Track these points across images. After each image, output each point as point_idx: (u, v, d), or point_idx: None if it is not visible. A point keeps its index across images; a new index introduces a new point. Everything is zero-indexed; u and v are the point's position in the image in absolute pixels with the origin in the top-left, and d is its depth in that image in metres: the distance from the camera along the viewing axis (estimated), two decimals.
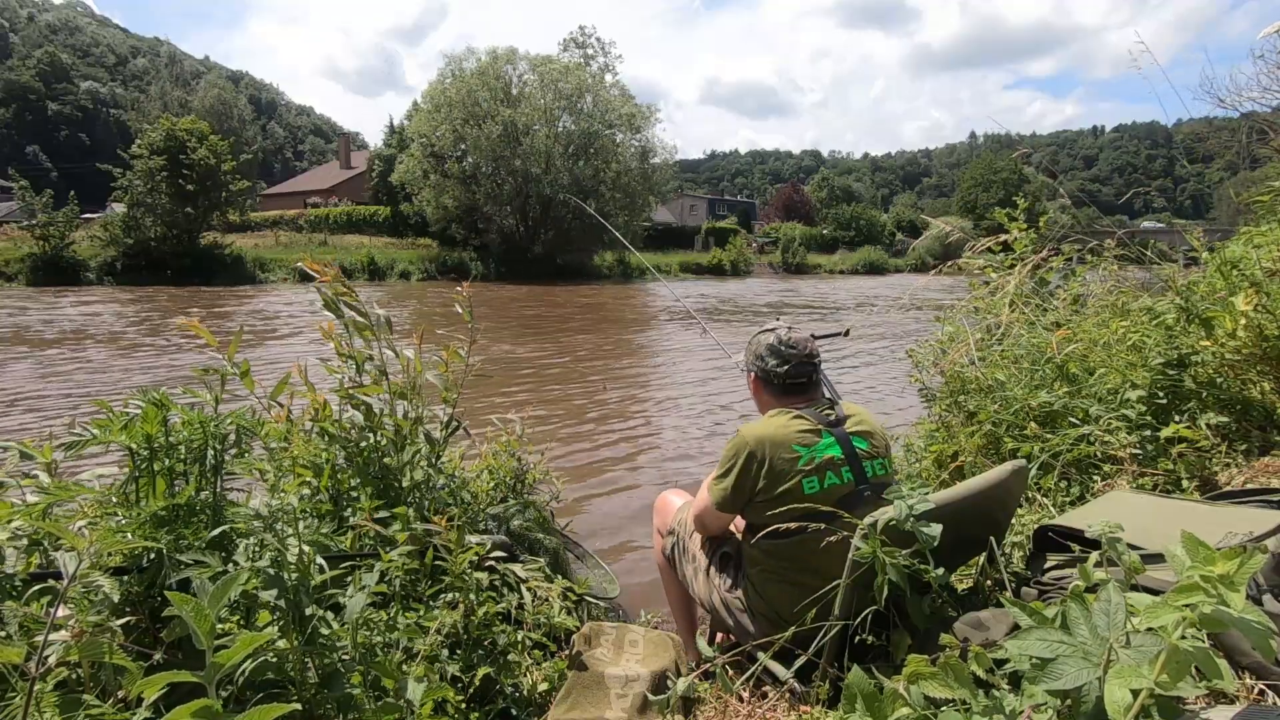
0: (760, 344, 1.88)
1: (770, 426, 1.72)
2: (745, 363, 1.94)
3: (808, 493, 1.63)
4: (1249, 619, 0.81)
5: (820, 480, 1.65)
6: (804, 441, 1.68)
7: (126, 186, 23.15)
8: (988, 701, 0.97)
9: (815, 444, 1.68)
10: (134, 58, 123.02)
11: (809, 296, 25.18)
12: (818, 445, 1.68)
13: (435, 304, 17.71)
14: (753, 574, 1.78)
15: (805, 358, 1.83)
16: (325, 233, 33.51)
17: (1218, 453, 2.36)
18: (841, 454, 1.68)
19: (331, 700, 1.27)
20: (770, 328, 1.92)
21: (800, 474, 1.64)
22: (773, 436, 1.69)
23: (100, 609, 1.18)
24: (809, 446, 1.67)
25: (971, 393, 2.94)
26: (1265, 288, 2.70)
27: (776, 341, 1.85)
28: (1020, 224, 3.58)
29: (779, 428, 1.71)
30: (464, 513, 2.08)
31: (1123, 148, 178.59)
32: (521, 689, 1.68)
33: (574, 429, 6.59)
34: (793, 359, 1.82)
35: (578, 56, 33.77)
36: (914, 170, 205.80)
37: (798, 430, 1.70)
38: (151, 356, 10.30)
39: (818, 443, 1.68)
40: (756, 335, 1.92)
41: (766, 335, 1.89)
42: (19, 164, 30.62)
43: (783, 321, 1.93)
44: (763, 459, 1.67)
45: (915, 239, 50.87)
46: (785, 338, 1.85)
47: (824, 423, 1.73)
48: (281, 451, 1.82)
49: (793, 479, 1.64)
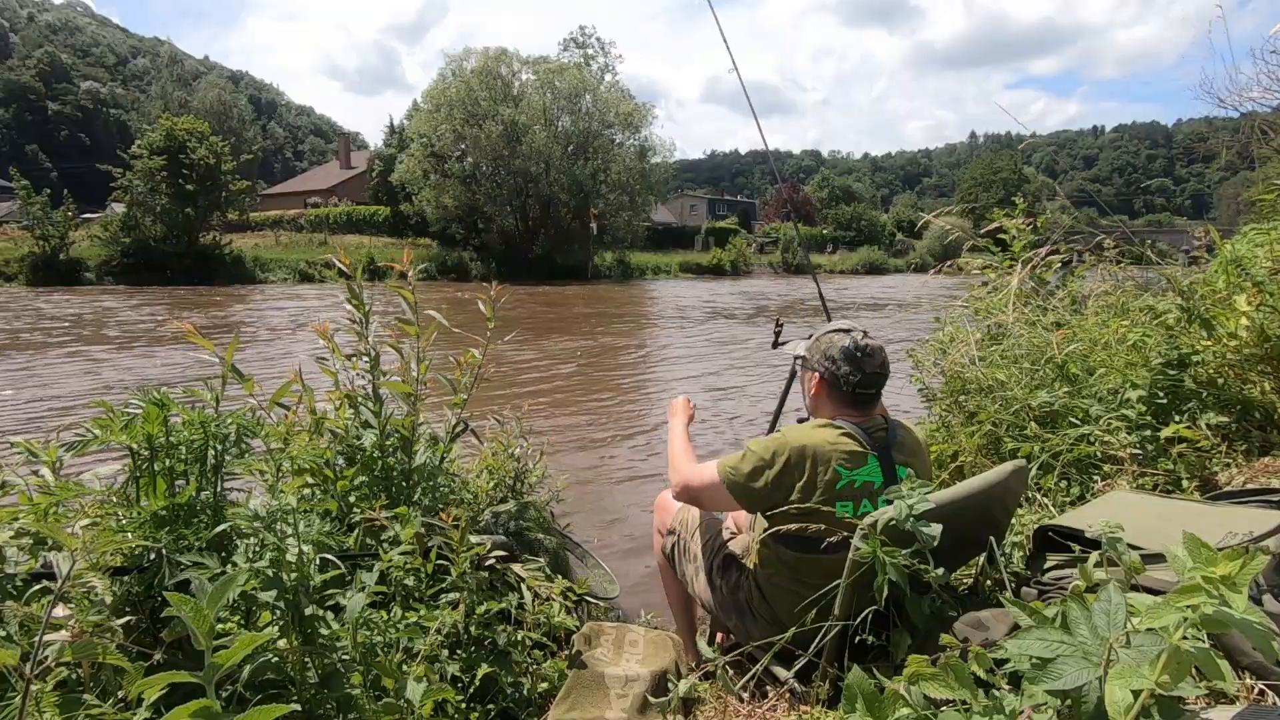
0: (834, 345, 1.71)
1: (817, 438, 1.62)
2: (809, 361, 1.77)
3: (839, 515, 1.57)
4: (1251, 620, 0.81)
5: (855, 506, 1.58)
6: (848, 464, 1.59)
7: (126, 186, 23.16)
8: (988, 701, 0.97)
9: (858, 469, 1.60)
10: (134, 58, 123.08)
11: (817, 296, 25.14)
12: (860, 471, 1.60)
13: (435, 304, 17.68)
14: (761, 576, 1.75)
15: (879, 368, 1.69)
16: (325, 233, 33.56)
17: (1218, 453, 2.36)
18: (881, 482, 1.61)
19: (331, 700, 1.27)
20: (844, 328, 1.76)
21: (836, 497, 1.58)
22: (818, 450, 1.60)
23: (100, 609, 1.18)
24: (851, 470, 1.59)
25: (972, 393, 2.94)
26: (1267, 287, 2.70)
27: (853, 346, 1.68)
28: (1018, 223, 3.58)
29: (826, 443, 1.61)
30: (465, 512, 2.08)
31: (1123, 148, 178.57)
32: (521, 689, 1.68)
33: (574, 429, 6.59)
34: (868, 368, 1.67)
35: (578, 56, 33.82)
36: (914, 170, 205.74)
37: (845, 450, 1.61)
38: (152, 356, 10.30)
39: (861, 468, 1.60)
40: (828, 334, 1.77)
41: (841, 337, 1.72)
42: (19, 164, 30.57)
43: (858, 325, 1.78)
44: (801, 471, 1.59)
45: (915, 239, 50.96)
46: (862, 343, 1.68)
47: (873, 445, 1.63)
48: (281, 451, 1.82)
49: (826, 499, 1.58)
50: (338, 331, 2.03)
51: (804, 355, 1.80)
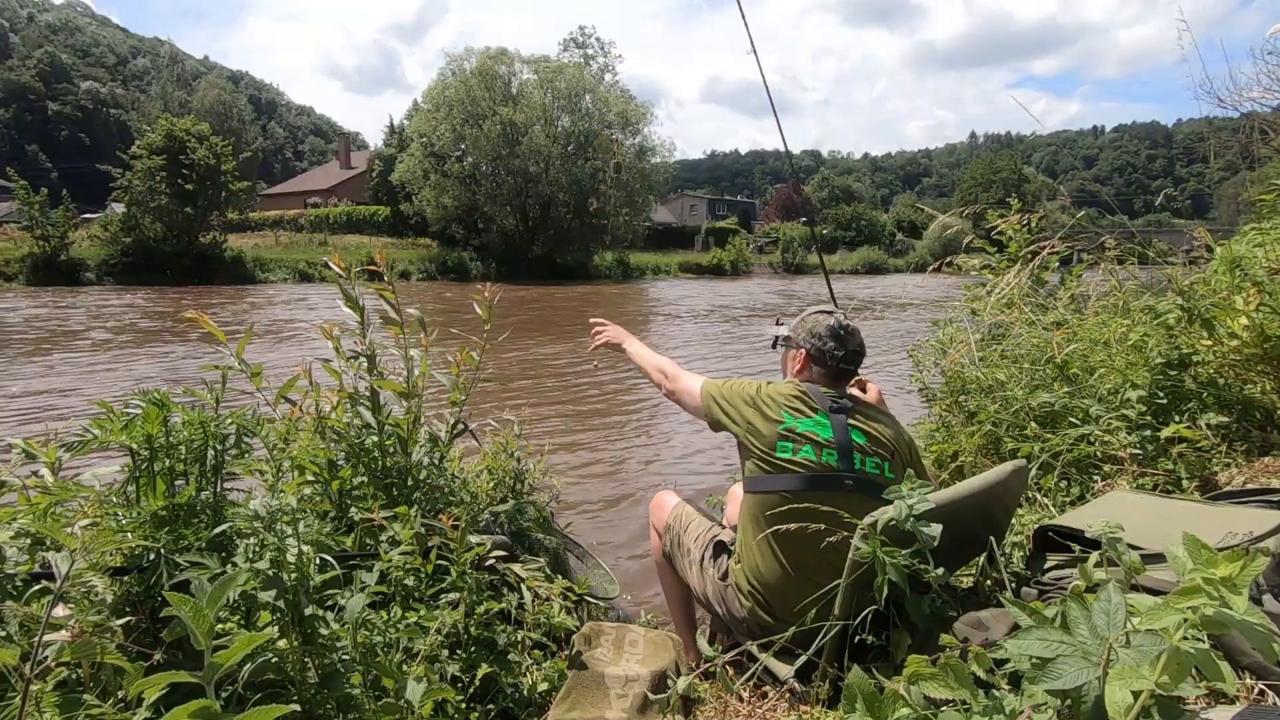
0: (820, 324, 1.89)
1: (775, 388, 1.84)
2: (795, 339, 1.94)
3: (779, 455, 1.73)
4: (1252, 622, 0.81)
5: (794, 449, 1.72)
6: (794, 411, 1.77)
7: (126, 186, 23.16)
8: (988, 701, 0.97)
9: (801, 418, 1.76)
10: (134, 58, 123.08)
11: (824, 297, 25.13)
12: (803, 420, 1.76)
13: (436, 304, 17.72)
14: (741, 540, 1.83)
15: (858, 347, 1.88)
16: (325, 233, 33.56)
17: (1218, 453, 2.36)
18: (831, 437, 1.73)
19: (331, 700, 1.27)
20: (828, 310, 1.94)
21: (777, 437, 1.74)
22: (772, 394, 1.81)
23: (100, 609, 1.18)
24: (794, 416, 1.76)
25: (972, 393, 2.94)
26: (1267, 287, 2.70)
27: (837, 325, 1.87)
28: (1014, 223, 3.58)
29: (779, 392, 1.82)
30: (465, 512, 2.08)
31: (1123, 148, 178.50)
32: (521, 689, 1.68)
33: (575, 429, 6.59)
34: (850, 345, 1.86)
35: (577, 56, 33.82)
36: (914, 170, 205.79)
37: (795, 401, 1.79)
38: (149, 357, 10.30)
39: (804, 418, 1.76)
40: (814, 314, 1.94)
41: (825, 317, 1.90)
42: (19, 164, 30.62)
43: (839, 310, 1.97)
44: (755, 404, 1.80)
45: (915, 239, 50.97)
46: (845, 323, 1.89)
47: (827, 407, 1.77)
48: (281, 451, 1.82)
49: (768, 438, 1.75)
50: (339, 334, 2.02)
51: (789, 335, 1.98)
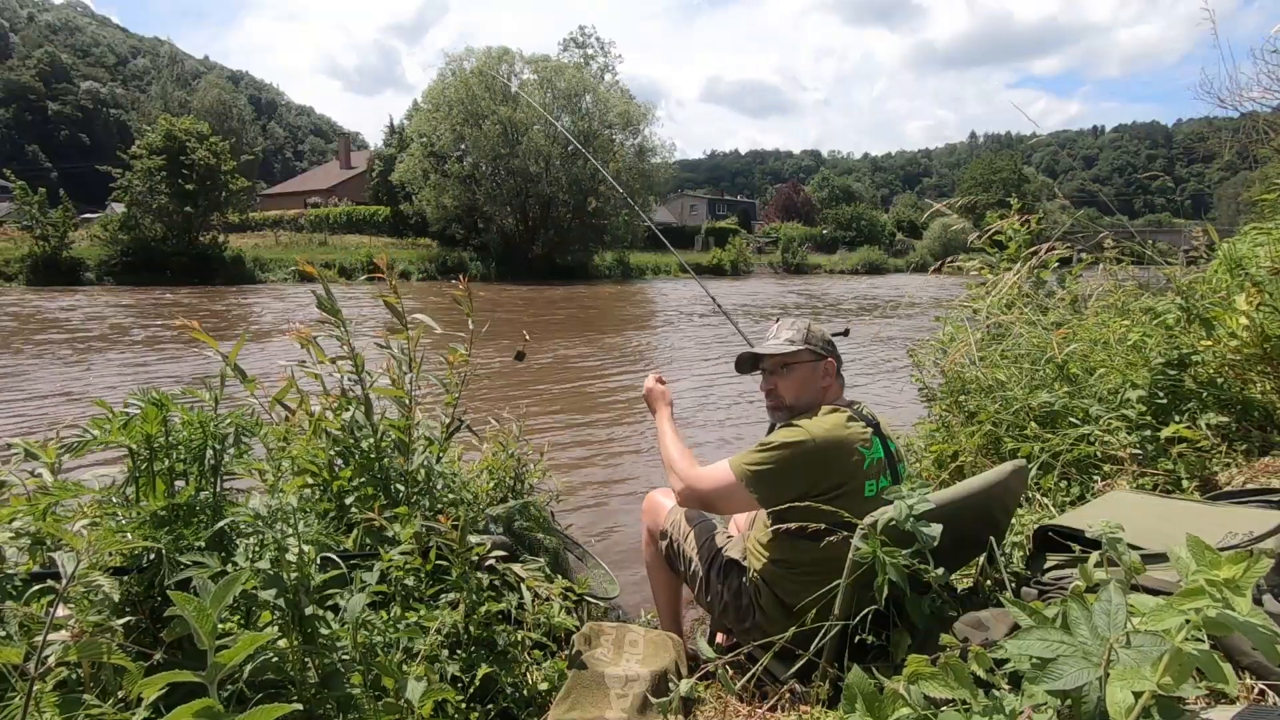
0: (825, 333, 1.84)
1: (833, 425, 1.65)
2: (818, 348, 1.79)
3: (868, 496, 1.61)
4: (1255, 623, 0.81)
5: (877, 484, 1.63)
6: (866, 444, 1.65)
7: (126, 186, 23.15)
8: (988, 701, 0.97)
9: (868, 447, 1.65)
10: (134, 58, 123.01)
11: (828, 296, 25.13)
12: (873, 449, 1.66)
13: (437, 304, 17.71)
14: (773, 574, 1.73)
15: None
16: (325, 233, 33.55)
17: (1218, 453, 2.36)
18: (883, 456, 1.67)
19: (331, 700, 1.27)
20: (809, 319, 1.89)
21: (865, 477, 1.62)
22: (839, 438, 1.63)
23: (101, 609, 1.18)
24: (869, 449, 1.64)
25: (972, 393, 2.94)
26: (1266, 287, 2.70)
27: (831, 333, 1.84)
28: (1013, 223, 3.58)
29: (842, 428, 1.65)
30: (465, 512, 2.07)
31: (1123, 148, 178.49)
32: (521, 689, 1.68)
33: (574, 429, 6.59)
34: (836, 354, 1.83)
35: (577, 56, 33.82)
36: (914, 170, 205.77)
37: (858, 433, 1.66)
38: (150, 357, 10.30)
39: (872, 446, 1.66)
40: (812, 326, 1.86)
41: (820, 326, 1.85)
42: (19, 164, 30.64)
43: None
44: (826, 462, 1.61)
45: (915, 239, 50.96)
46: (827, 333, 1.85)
47: (870, 424, 1.70)
48: (280, 452, 1.82)
49: (857, 482, 1.62)
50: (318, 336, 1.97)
51: (808, 347, 1.79)
